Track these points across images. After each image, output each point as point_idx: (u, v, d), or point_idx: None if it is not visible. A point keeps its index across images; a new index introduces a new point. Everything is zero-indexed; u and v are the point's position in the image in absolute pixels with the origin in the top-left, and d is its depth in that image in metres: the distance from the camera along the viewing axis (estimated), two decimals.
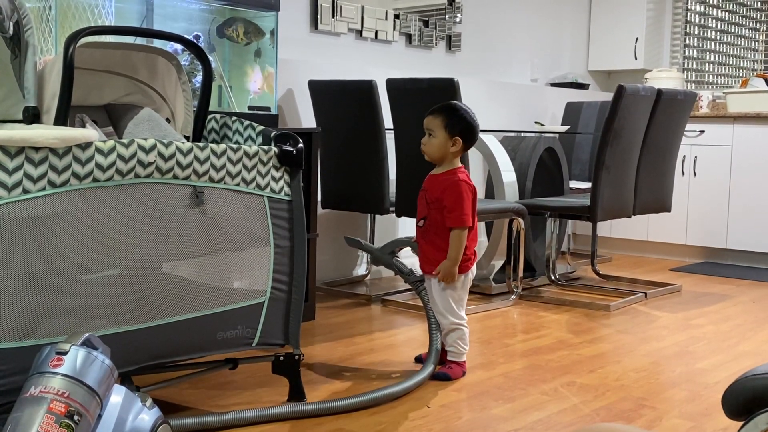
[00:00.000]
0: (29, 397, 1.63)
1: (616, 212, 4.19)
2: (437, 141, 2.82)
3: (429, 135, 2.85)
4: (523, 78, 5.82)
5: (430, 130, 2.85)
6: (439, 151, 2.84)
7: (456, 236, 2.80)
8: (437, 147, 2.83)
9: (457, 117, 2.83)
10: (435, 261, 2.84)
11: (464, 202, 2.80)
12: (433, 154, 2.86)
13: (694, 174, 5.54)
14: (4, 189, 1.83)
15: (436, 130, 2.82)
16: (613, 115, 3.95)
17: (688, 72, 6.50)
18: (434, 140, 2.83)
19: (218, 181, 2.24)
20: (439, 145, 2.82)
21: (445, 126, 2.81)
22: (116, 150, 2.01)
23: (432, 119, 2.84)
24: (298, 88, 4.22)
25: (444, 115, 2.83)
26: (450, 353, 2.85)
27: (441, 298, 2.84)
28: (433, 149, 2.84)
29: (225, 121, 2.60)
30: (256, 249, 2.34)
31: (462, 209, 2.79)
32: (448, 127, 2.81)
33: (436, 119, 2.83)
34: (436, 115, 2.84)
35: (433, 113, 2.86)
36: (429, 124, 2.85)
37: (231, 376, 2.71)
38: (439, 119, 2.83)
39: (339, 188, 4.17)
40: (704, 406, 2.59)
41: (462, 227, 2.80)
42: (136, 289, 2.08)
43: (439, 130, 2.82)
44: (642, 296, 4.29)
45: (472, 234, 2.87)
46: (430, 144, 2.84)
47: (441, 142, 2.82)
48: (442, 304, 2.84)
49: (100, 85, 2.51)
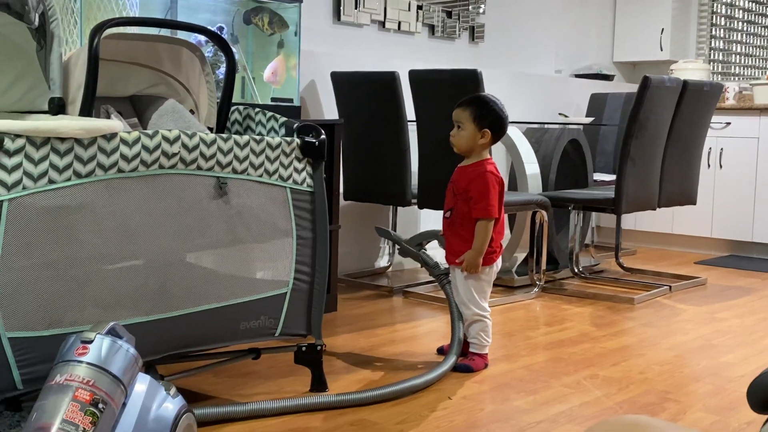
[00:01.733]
0: (54, 385, 1.65)
1: (640, 205, 4.16)
2: (466, 133, 2.81)
3: (458, 127, 2.83)
4: (548, 69, 5.79)
5: (459, 123, 2.83)
6: (467, 144, 2.82)
7: (481, 227, 2.78)
8: (466, 139, 2.82)
9: (486, 109, 2.81)
10: (460, 252, 2.82)
11: (490, 193, 2.78)
12: (461, 147, 2.84)
13: (720, 166, 5.48)
14: (30, 179, 1.84)
15: (465, 122, 2.81)
16: (638, 106, 3.92)
17: (714, 63, 6.43)
18: (463, 132, 2.81)
19: (241, 172, 2.25)
20: (468, 138, 2.81)
21: (474, 118, 2.79)
22: (141, 141, 2.03)
23: (461, 111, 2.83)
24: (320, 80, 4.23)
25: (473, 107, 2.81)
26: (472, 345, 2.85)
27: (464, 288, 2.83)
28: (462, 141, 2.83)
29: (248, 112, 2.60)
30: (279, 240, 2.35)
31: (488, 200, 2.78)
32: (477, 119, 2.79)
33: (465, 111, 2.81)
34: (465, 108, 2.82)
35: (461, 105, 2.84)
36: (458, 116, 2.83)
37: (254, 365, 2.72)
38: (467, 111, 2.81)
39: (361, 180, 4.17)
40: (729, 399, 2.57)
41: (487, 218, 2.78)
42: (160, 279, 2.09)
43: (468, 122, 2.80)
44: (666, 289, 4.26)
45: (499, 226, 2.85)
46: (459, 136, 2.83)
47: (470, 135, 2.80)
48: (465, 295, 2.83)
49: (125, 76, 2.53)
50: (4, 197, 1.81)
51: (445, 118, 3.79)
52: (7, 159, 1.81)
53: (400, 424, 2.28)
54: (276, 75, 3.69)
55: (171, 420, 1.79)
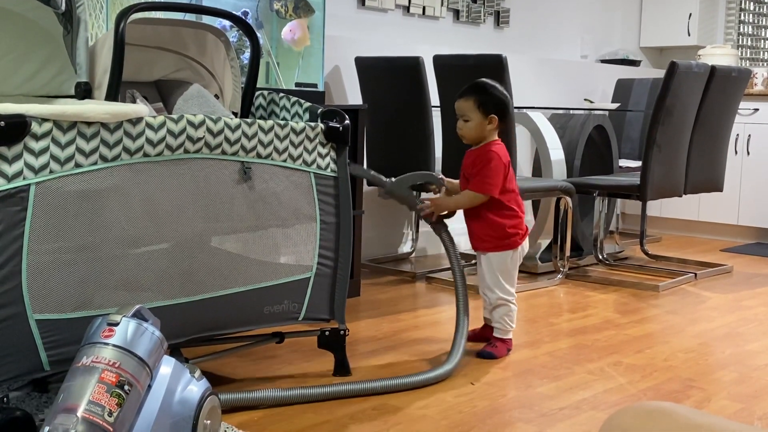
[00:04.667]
0: (81, 366, 1.67)
1: (666, 191, 4.12)
2: (473, 123, 2.77)
3: (463, 120, 2.80)
4: (573, 54, 5.74)
5: (463, 115, 2.79)
6: (477, 133, 2.78)
7: (468, 195, 2.76)
8: (474, 129, 2.78)
9: (488, 95, 2.78)
10: (485, 237, 2.80)
11: (491, 170, 2.73)
12: (471, 137, 2.81)
13: (748, 153, 5.42)
14: (57, 163, 1.86)
15: (470, 112, 2.77)
16: (665, 92, 3.88)
17: (742, 49, 6.34)
18: (470, 123, 2.78)
19: (266, 157, 2.26)
20: (476, 127, 2.77)
21: (478, 106, 2.76)
22: (166, 125, 2.04)
23: (463, 103, 2.79)
24: (345, 65, 4.22)
25: (475, 95, 2.77)
26: (495, 329, 2.83)
27: (489, 271, 2.80)
28: (471, 132, 2.79)
29: (272, 97, 2.61)
30: (303, 225, 2.36)
31: (483, 176, 2.74)
32: (481, 106, 2.76)
33: (468, 102, 2.77)
34: (467, 98, 2.78)
35: (463, 96, 2.80)
36: (461, 108, 2.79)
37: (277, 349, 2.74)
38: (470, 101, 2.77)
39: (385, 165, 4.16)
40: (754, 388, 2.55)
41: (478, 192, 2.74)
42: (185, 263, 2.11)
43: (473, 112, 2.76)
44: (692, 277, 4.23)
45: (519, 209, 2.81)
46: (467, 128, 2.79)
47: (477, 124, 2.77)
48: (490, 278, 2.80)
49: (151, 61, 2.54)
50: (31, 181, 1.82)
51: None
52: (35, 143, 1.83)
53: (423, 409, 2.29)
54: (294, 34, 3.58)
55: (196, 402, 1.81)
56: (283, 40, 3.63)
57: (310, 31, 3.72)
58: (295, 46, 3.65)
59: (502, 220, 2.79)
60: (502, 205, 2.79)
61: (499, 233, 2.79)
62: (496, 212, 2.78)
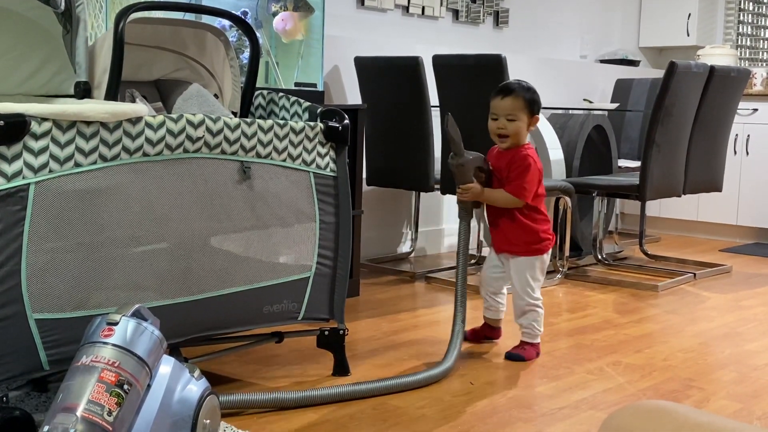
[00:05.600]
0: (81, 366, 1.67)
1: (665, 191, 4.12)
2: (521, 123, 2.70)
3: (508, 119, 2.70)
4: (572, 54, 5.74)
5: (508, 114, 2.70)
6: (522, 133, 2.73)
7: (507, 197, 2.71)
8: (520, 128, 2.71)
9: (534, 95, 2.74)
10: (516, 241, 2.77)
11: (529, 176, 2.70)
12: (515, 138, 2.72)
13: (747, 153, 5.42)
14: (56, 162, 1.86)
15: (518, 112, 2.70)
16: (664, 92, 3.88)
17: (741, 49, 6.35)
18: (518, 123, 2.70)
19: (265, 156, 2.26)
20: (523, 127, 2.71)
21: (527, 106, 2.71)
22: (165, 125, 2.04)
23: (513, 101, 2.70)
24: (344, 65, 4.22)
25: (524, 94, 2.71)
26: (524, 334, 2.79)
27: (521, 278, 2.76)
28: (516, 131, 2.71)
29: (272, 97, 2.61)
30: (302, 224, 2.36)
31: (524, 181, 2.69)
32: (529, 106, 2.71)
33: (517, 100, 2.70)
34: (516, 96, 2.71)
35: (511, 94, 2.71)
36: (507, 107, 2.71)
37: (276, 349, 2.74)
38: (519, 100, 2.70)
39: (384, 165, 4.17)
40: (753, 387, 2.55)
41: (517, 198, 2.71)
42: (184, 263, 2.11)
43: (521, 111, 2.70)
44: (691, 276, 4.23)
45: (545, 214, 2.79)
46: (513, 127, 2.70)
47: (523, 124, 2.71)
48: (520, 284, 2.76)
49: (150, 60, 2.54)
50: (30, 180, 1.82)
51: (468, 104, 3.80)
52: (34, 142, 1.83)
53: (422, 409, 2.29)
54: (285, 24, 3.53)
55: (195, 402, 1.81)
56: (274, 28, 3.60)
57: (310, 32, 3.72)
58: (284, 37, 3.61)
59: (535, 224, 2.75)
60: (535, 210, 2.76)
61: (532, 237, 2.75)
62: (529, 216, 2.75)
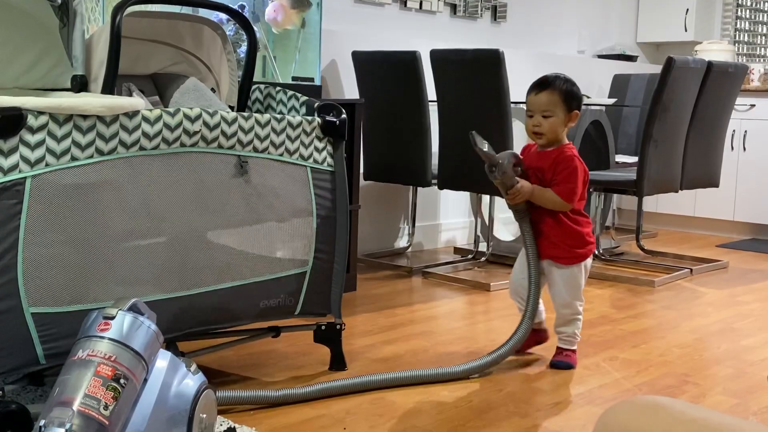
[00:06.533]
0: (77, 360, 1.66)
1: (663, 187, 4.12)
2: (558, 119, 2.54)
3: (543, 115, 2.54)
4: (570, 49, 5.74)
5: (544, 111, 2.54)
6: (560, 130, 2.56)
7: (555, 199, 2.53)
8: (558, 125, 2.54)
9: (573, 88, 2.57)
10: (560, 244, 2.60)
11: (578, 179, 2.53)
12: (552, 136, 2.56)
13: (744, 149, 5.42)
14: (52, 156, 1.86)
15: (555, 107, 2.53)
16: (661, 87, 3.88)
17: (739, 45, 6.34)
18: (554, 120, 2.53)
19: (262, 151, 2.25)
20: (560, 124, 2.54)
21: (565, 100, 2.54)
22: (162, 119, 2.03)
23: (549, 96, 2.54)
24: (341, 59, 4.21)
25: (562, 88, 2.55)
26: (565, 341, 2.68)
27: (568, 288, 2.63)
28: (553, 129, 2.54)
29: (269, 91, 2.60)
30: (299, 219, 2.36)
31: (574, 184, 2.53)
32: (567, 101, 2.54)
33: (553, 95, 2.54)
34: (552, 91, 2.55)
35: (545, 89, 2.56)
36: (543, 103, 2.55)
37: (273, 343, 2.74)
38: (556, 95, 2.54)
39: (382, 160, 4.17)
40: (749, 383, 2.56)
41: (566, 201, 2.54)
42: (181, 257, 2.11)
43: (558, 106, 2.53)
44: (687, 272, 4.24)
45: (587, 217, 2.66)
46: (549, 124, 2.54)
47: (561, 120, 2.54)
48: (571, 293, 2.64)
49: (147, 54, 2.53)
50: (27, 174, 1.82)
51: (466, 98, 3.79)
52: (30, 136, 1.82)
53: (419, 403, 2.29)
54: (278, 14, 3.46)
55: (191, 396, 1.80)
56: (266, 18, 3.58)
57: (308, 26, 3.71)
58: (275, 27, 3.58)
59: (580, 228, 2.61)
60: (579, 213, 2.63)
61: (577, 241, 2.61)
62: (573, 219, 2.60)
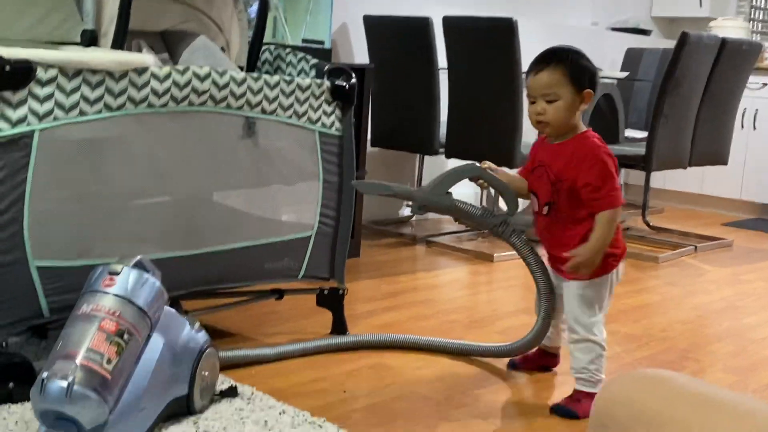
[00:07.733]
0: (81, 314, 1.67)
1: (671, 163, 4.11)
2: (564, 103, 2.02)
3: (547, 100, 2.04)
4: (584, 21, 5.68)
5: (546, 94, 2.03)
6: (568, 116, 2.04)
7: (605, 219, 2.00)
8: (566, 110, 2.03)
9: (579, 62, 2.07)
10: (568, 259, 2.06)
11: (613, 176, 2.02)
12: (559, 124, 2.05)
13: (754, 127, 5.39)
14: (61, 110, 1.85)
15: (559, 88, 2.02)
16: (674, 63, 3.85)
17: (754, 22, 6.28)
18: (560, 104, 2.02)
19: (270, 112, 2.24)
20: (568, 108, 2.03)
21: (571, 78, 2.02)
22: (172, 76, 2.02)
23: (550, 75, 2.03)
24: (352, 23, 4.18)
25: (563, 63, 2.04)
26: (580, 381, 2.09)
27: (576, 301, 2.10)
28: (560, 115, 2.03)
29: (279, 52, 2.58)
30: (305, 183, 2.35)
31: (612, 185, 2.01)
32: (574, 79, 2.03)
33: (555, 73, 2.02)
34: (555, 68, 2.03)
35: (544, 68, 2.04)
36: (543, 83, 2.03)
37: (276, 306, 2.75)
38: (558, 72, 2.02)
39: (389, 126, 4.15)
40: (750, 361, 2.56)
41: (616, 208, 2.02)
42: (187, 217, 2.11)
43: (563, 87, 2.02)
44: (692, 249, 4.23)
45: None
46: (555, 110, 2.03)
47: (569, 104, 2.03)
48: (578, 310, 2.09)
49: (158, 11, 2.51)
50: (35, 127, 1.81)
51: (477, 67, 3.76)
52: (40, 89, 1.81)
53: (418, 369, 2.30)
54: None
55: (195, 354, 1.82)
56: None
57: None
58: None
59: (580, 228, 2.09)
60: None
61: None
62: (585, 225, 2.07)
